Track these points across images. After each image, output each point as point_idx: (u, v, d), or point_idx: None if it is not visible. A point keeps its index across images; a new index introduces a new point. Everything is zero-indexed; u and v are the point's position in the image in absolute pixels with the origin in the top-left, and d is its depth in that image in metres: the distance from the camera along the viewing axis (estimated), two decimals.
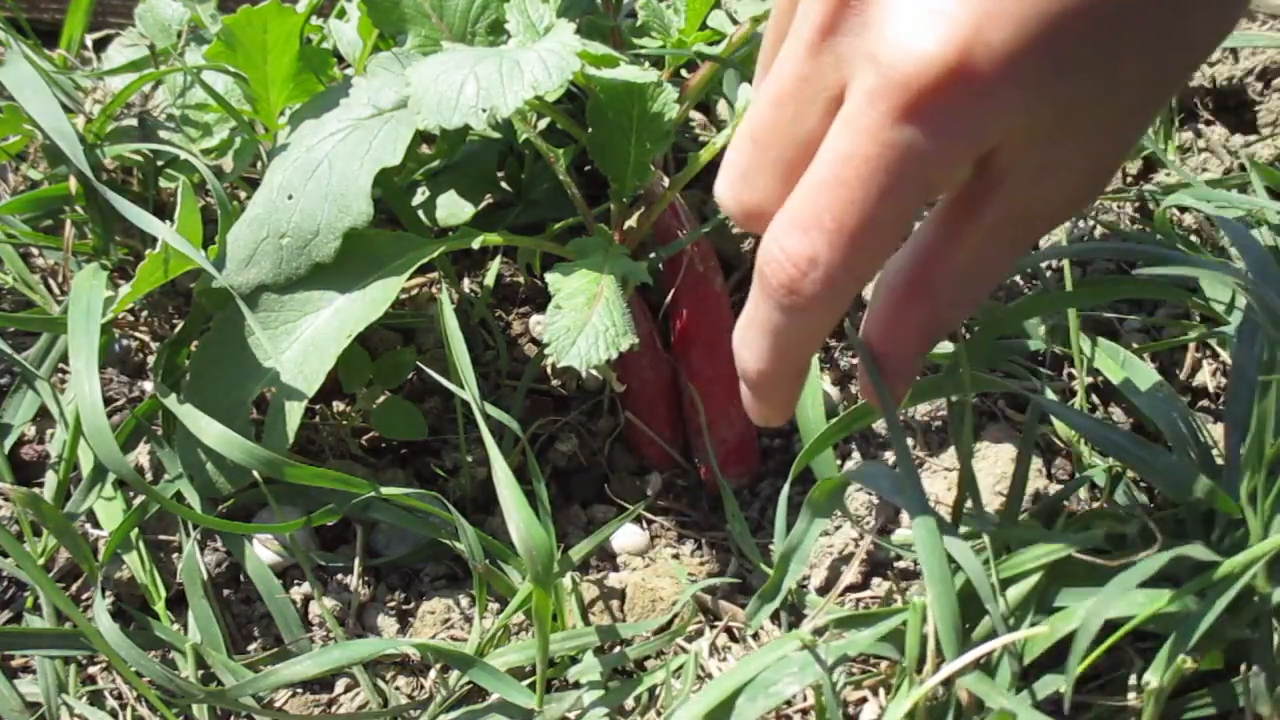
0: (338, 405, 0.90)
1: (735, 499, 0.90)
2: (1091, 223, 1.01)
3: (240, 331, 0.78)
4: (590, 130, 0.81)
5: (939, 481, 0.84)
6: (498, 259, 0.97)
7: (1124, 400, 0.86)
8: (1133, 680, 0.64)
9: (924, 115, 0.45)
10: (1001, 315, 0.76)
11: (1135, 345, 0.88)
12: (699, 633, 0.79)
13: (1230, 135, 1.12)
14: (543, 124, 0.90)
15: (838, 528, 0.84)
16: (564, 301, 0.74)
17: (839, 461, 0.89)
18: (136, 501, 0.79)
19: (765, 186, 0.52)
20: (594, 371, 0.89)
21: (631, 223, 0.87)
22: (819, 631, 0.66)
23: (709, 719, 0.61)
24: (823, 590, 0.80)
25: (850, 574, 0.81)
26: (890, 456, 0.88)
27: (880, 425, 0.90)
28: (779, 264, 0.50)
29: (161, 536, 0.81)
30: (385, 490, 0.76)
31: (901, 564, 0.81)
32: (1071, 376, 0.88)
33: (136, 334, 0.93)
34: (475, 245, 0.82)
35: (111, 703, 0.76)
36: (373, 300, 0.77)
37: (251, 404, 0.77)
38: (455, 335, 0.77)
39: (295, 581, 0.81)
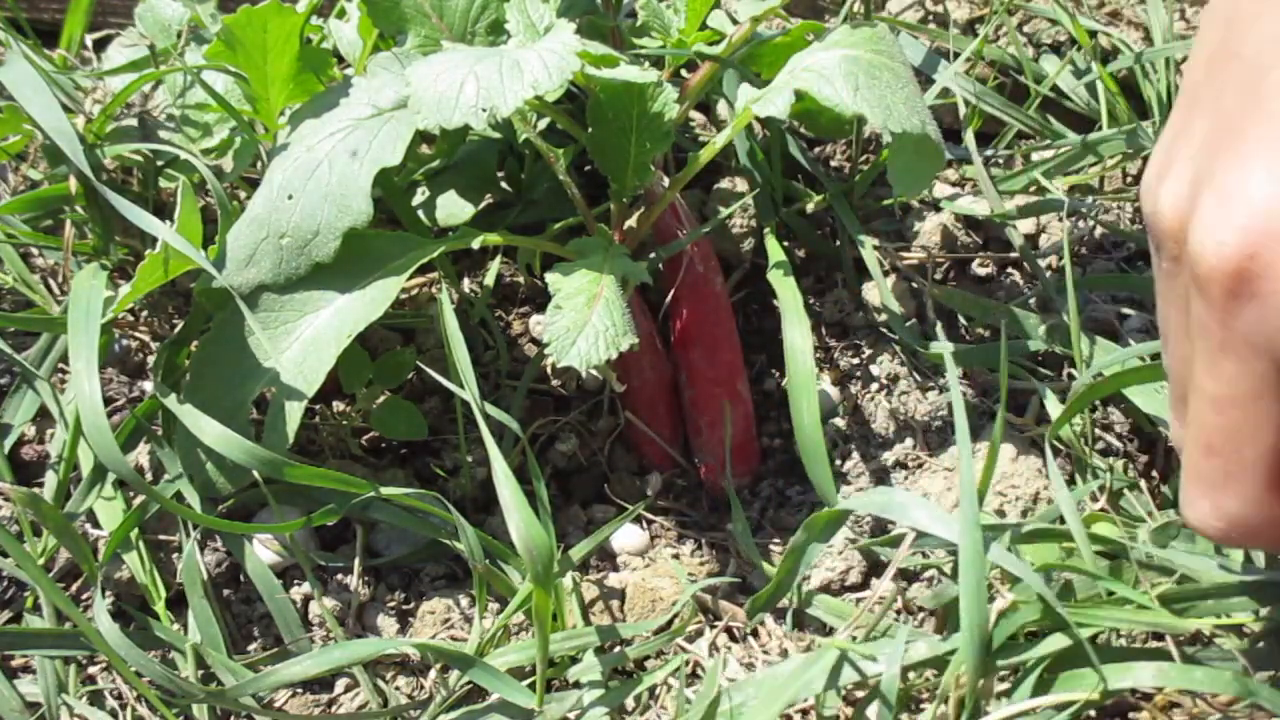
0: (338, 405, 0.90)
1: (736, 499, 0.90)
2: (1092, 223, 1.01)
3: (240, 331, 0.78)
4: (590, 130, 0.81)
5: (939, 481, 0.84)
6: (498, 259, 0.97)
7: (1124, 400, 0.86)
8: None
9: None
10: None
11: (1135, 345, 0.88)
12: (699, 633, 0.79)
13: None
14: (543, 124, 0.90)
15: (838, 525, 0.84)
16: (564, 301, 0.74)
17: (838, 461, 0.89)
18: (136, 501, 0.79)
19: (1244, 492, 0.50)
20: (594, 371, 0.89)
21: (631, 223, 0.87)
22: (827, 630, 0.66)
23: None
24: (822, 590, 0.80)
25: (852, 574, 0.81)
26: (889, 456, 0.88)
27: (880, 425, 0.90)
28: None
29: (161, 536, 0.81)
30: (385, 490, 0.76)
31: (901, 564, 0.81)
32: (1071, 377, 0.88)
33: (136, 334, 0.93)
34: (475, 245, 0.82)
35: (111, 703, 0.76)
36: (373, 300, 0.77)
37: (251, 404, 0.77)
38: (455, 335, 0.77)
39: (295, 581, 0.81)
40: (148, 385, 0.90)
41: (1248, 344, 0.47)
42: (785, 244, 0.94)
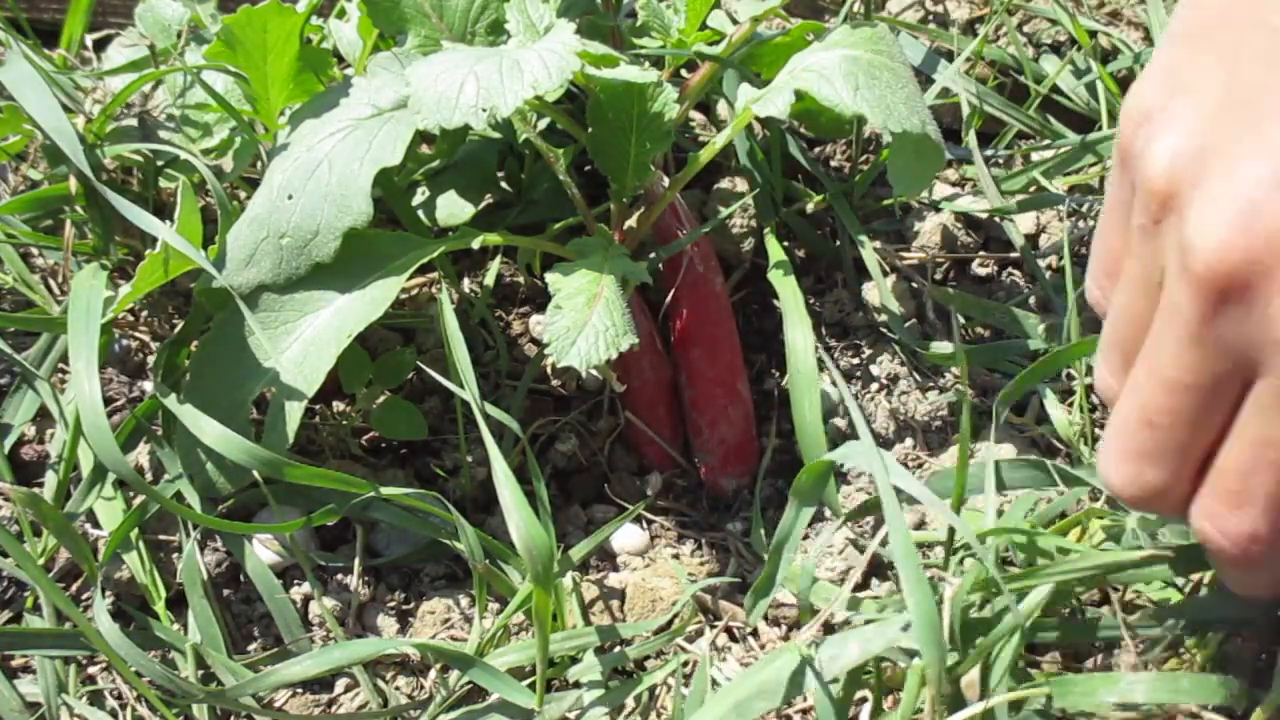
0: (338, 405, 0.90)
1: (735, 499, 0.90)
2: (1092, 223, 1.01)
3: (240, 331, 0.78)
4: (590, 130, 0.81)
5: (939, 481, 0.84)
6: (498, 259, 0.97)
7: None
8: None
9: None
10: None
11: None
12: (699, 633, 0.79)
13: None
14: (543, 124, 0.90)
15: (838, 527, 0.84)
16: (564, 301, 0.74)
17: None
18: (136, 501, 0.79)
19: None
20: (594, 371, 0.89)
21: (631, 223, 0.87)
22: (828, 628, 0.66)
23: None
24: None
25: (852, 574, 0.80)
26: (889, 456, 0.88)
27: (881, 425, 0.90)
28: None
29: (161, 536, 0.81)
30: (385, 490, 0.76)
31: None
32: (1071, 377, 0.88)
33: (136, 334, 0.93)
34: (475, 245, 0.82)
35: (111, 703, 0.76)
36: (373, 300, 0.77)
37: (251, 404, 0.77)
38: (455, 335, 0.77)
39: (295, 581, 0.81)
40: (148, 385, 0.90)
41: (1221, 344, 0.47)
42: (785, 244, 0.94)
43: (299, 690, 0.76)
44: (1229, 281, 0.46)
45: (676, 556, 0.85)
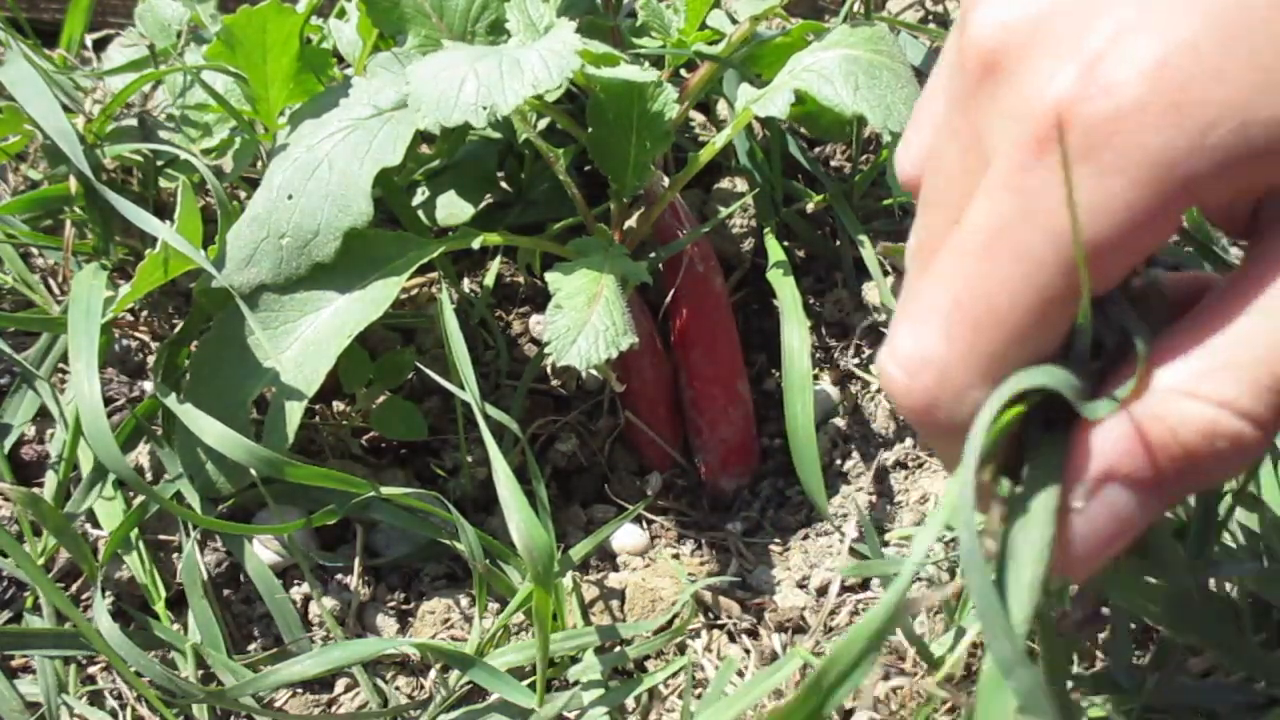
0: (338, 405, 0.90)
1: (735, 499, 0.90)
2: None
3: (240, 331, 0.78)
4: (590, 130, 0.81)
5: (938, 481, 0.84)
6: (498, 259, 0.97)
7: None
8: None
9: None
10: None
11: None
12: (699, 633, 0.79)
13: None
14: (543, 124, 0.90)
15: (838, 526, 0.84)
16: (564, 301, 0.74)
17: (838, 461, 0.89)
18: (136, 501, 0.79)
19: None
20: (594, 371, 0.89)
21: (631, 223, 0.87)
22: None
23: None
24: (821, 590, 0.80)
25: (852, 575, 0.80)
26: (889, 456, 0.88)
27: (880, 425, 0.90)
28: (890, 376, 0.40)
29: (161, 536, 0.81)
30: (385, 490, 0.76)
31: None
32: None
33: (136, 334, 0.93)
34: (475, 245, 0.82)
35: (111, 703, 0.76)
36: (373, 300, 0.77)
37: (251, 404, 0.77)
38: (455, 335, 0.77)
39: (295, 581, 0.81)
40: (148, 385, 0.90)
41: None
42: (785, 244, 0.94)
43: (299, 690, 0.76)
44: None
45: (676, 556, 0.85)
